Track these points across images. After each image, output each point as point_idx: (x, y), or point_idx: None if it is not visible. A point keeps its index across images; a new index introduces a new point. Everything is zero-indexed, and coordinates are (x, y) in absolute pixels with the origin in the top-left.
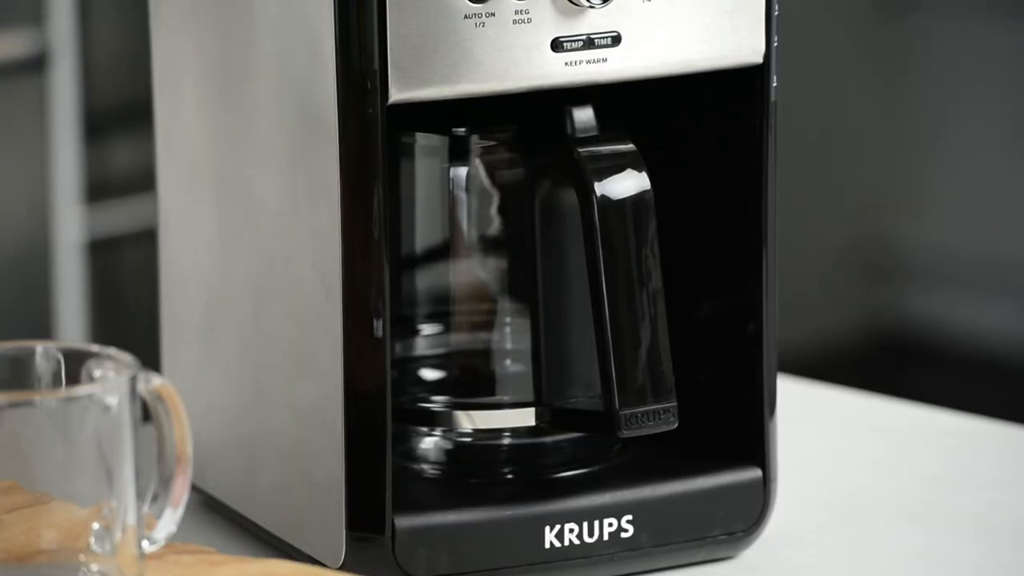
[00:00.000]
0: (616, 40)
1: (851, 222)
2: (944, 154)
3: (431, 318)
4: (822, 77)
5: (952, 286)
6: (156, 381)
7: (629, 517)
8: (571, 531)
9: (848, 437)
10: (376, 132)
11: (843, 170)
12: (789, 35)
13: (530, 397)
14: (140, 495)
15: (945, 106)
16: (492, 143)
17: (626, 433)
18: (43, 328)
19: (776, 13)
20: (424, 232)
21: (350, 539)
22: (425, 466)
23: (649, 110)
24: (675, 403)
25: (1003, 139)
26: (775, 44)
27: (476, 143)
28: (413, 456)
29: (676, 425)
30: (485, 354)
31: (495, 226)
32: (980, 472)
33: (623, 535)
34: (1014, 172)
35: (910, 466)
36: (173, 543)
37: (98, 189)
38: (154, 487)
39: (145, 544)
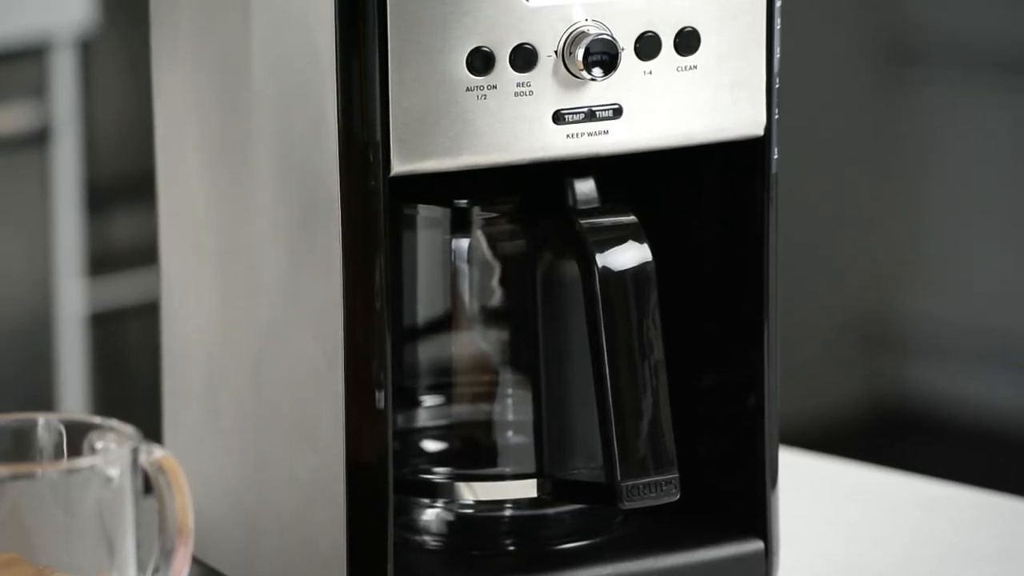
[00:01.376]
0: (618, 112)
1: (852, 294)
2: (945, 227)
3: (433, 389)
4: (823, 149)
5: (953, 358)
6: (158, 453)
7: None
8: None
9: (850, 509)
10: (378, 204)
11: (844, 242)
12: (790, 108)
13: (532, 468)
14: (141, 567)
15: (947, 179)
16: (494, 214)
17: (628, 505)
18: (45, 400)
19: (777, 86)
20: (426, 303)
21: None
22: (427, 538)
23: (650, 181)
24: (677, 474)
25: (1005, 212)
26: (776, 117)
27: (478, 214)
28: (415, 528)
29: (678, 496)
30: (487, 425)
31: (497, 297)
32: (983, 545)
33: None
34: (1016, 245)
35: (912, 538)
36: None
37: (100, 262)
38: (155, 559)
39: None
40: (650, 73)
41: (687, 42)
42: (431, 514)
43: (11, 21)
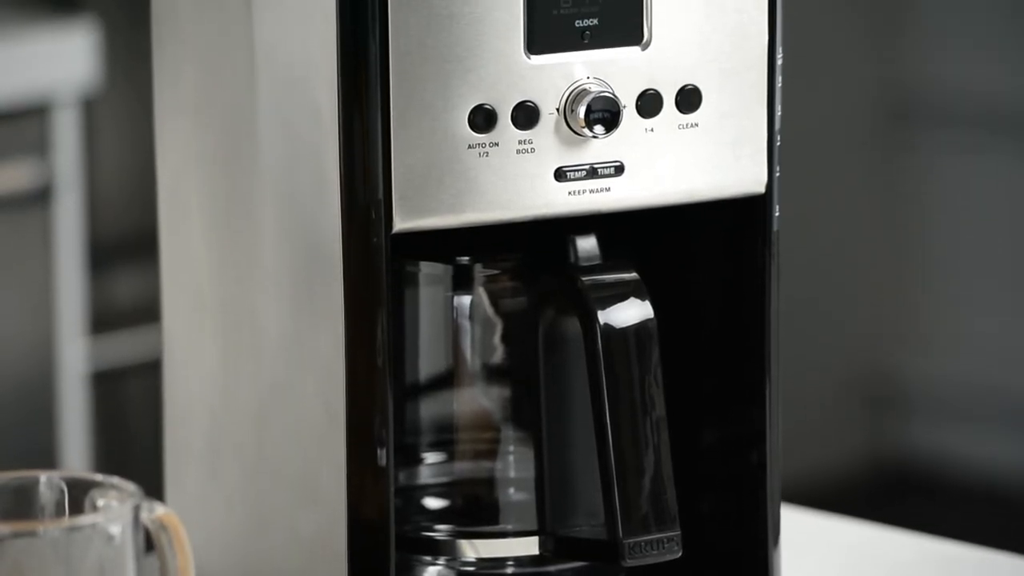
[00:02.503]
0: (619, 170)
1: (854, 351)
2: (947, 285)
3: (435, 446)
4: (825, 207)
5: (956, 417)
6: (159, 510)
7: None
8: None
9: (853, 568)
10: (380, 261)
11: (846, 299)
12: (792, 165)
13: (534, 525)
14: None
15: (949, 237)
16: (496, 271)
17: (630, 562)
18: (47, 458)
19: (778, 144)
20: (428, 360)
21: None
22: None
23: (652, 238)
24: (679, 532)
25: (1007, 271)
26: (777, 174)
27: (480, 271)
28: None
29: (680, 554)
30: (489, 482)
31: (499, 354)
32: None
33: None
34: (1018, 304)
35: None
36: None
37: (102, 320)
38: None
39: None
40: (652, 130)
41: (688, 100)
42: (433, 571)
43: (14, 79)
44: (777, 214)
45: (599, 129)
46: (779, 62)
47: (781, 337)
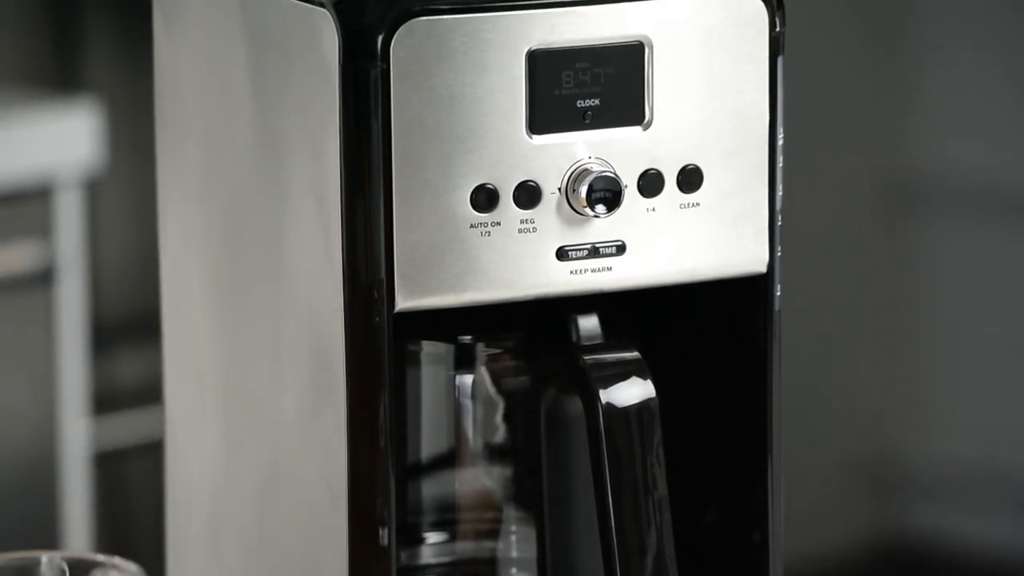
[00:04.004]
0: (621, 249)
1: (856, 432)
2: (950, 367)
3: (437, 526)
4: (826, 287)
5: (958, 499)
6: None
7: None
8: None
9: None
10: (382, 340)
11: (848, 380)
12: (793, 245)
13: None
14: None
15: (951, 318)
16: (497, 350)
17: None
18: (48, 538)
19: (779, 223)
20: (430, 440)
21: None
22: None
23: (653, 317)
24: None
25: (1009, 353)
26: (778, 254)
27: (482, 350)
28: None
29: None
30: (490, 562)
31: (500, 434)
32: None
33: None
34: (1020, 387)
35: None
36: None
37: (104, 401)
38: None
39: None
40: (653, 210)
41: (690, 180)
42: None
43: (17, 160)
44: (779, 293)
45: (601, 209)
46: (780, 142)
47: (783, 416)
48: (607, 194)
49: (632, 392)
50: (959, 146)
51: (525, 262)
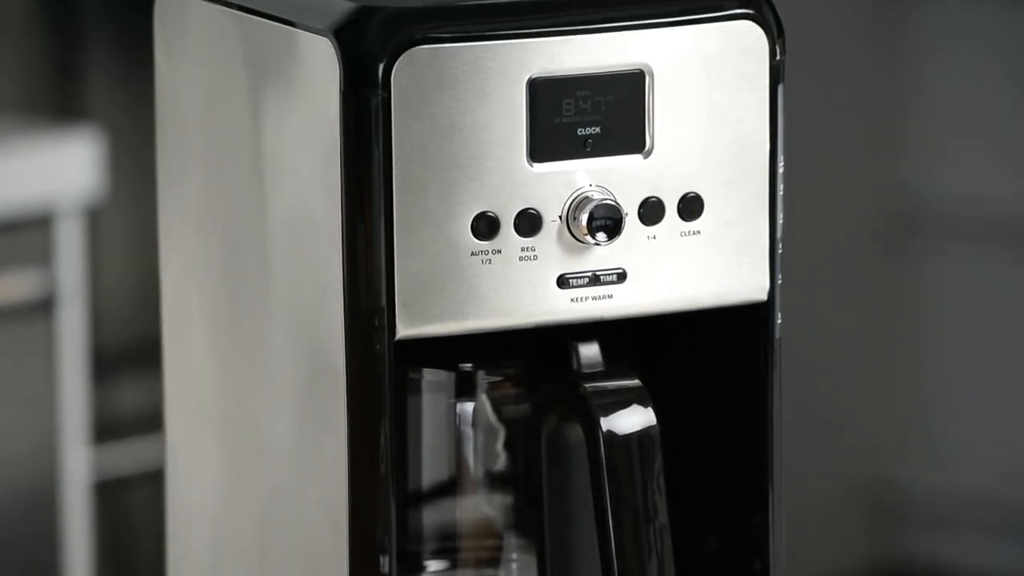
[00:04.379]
0: (622, 277)
1: (857, 460)
2: (951, 395)
3: (437, 554)
4: (827, 315)
5: (958, 527)
6: None
7: None
8: None
9: None
10: (383, 368)
11: (849, 407)
12: (794, 272)
13: None
14: None
15: (952, 346)
16: (498, 378)
17: None
18: (50, 567)
19: (780, 251)
20: (430, 467)
21: None
22: None
23: (654, 344)
24: None
25: (1011, 381)
26: (779, 282)
27: (482, 378)
28: None
29: None
30: None
31: (501, 461)
32: None
33: None
34: (1021, 415)
35: None
36: None
37: (105, 430)
38: None
39: None
40: (654, 238)
41: (690, 207)
42: None
43: (17, 188)
44: (779, 321)
45: (601, 236)
46: (780, 170)
47: (783, 443)
48: (608, 222)
49: (633, 420)
50: (960, 172)
51: (526, 290)
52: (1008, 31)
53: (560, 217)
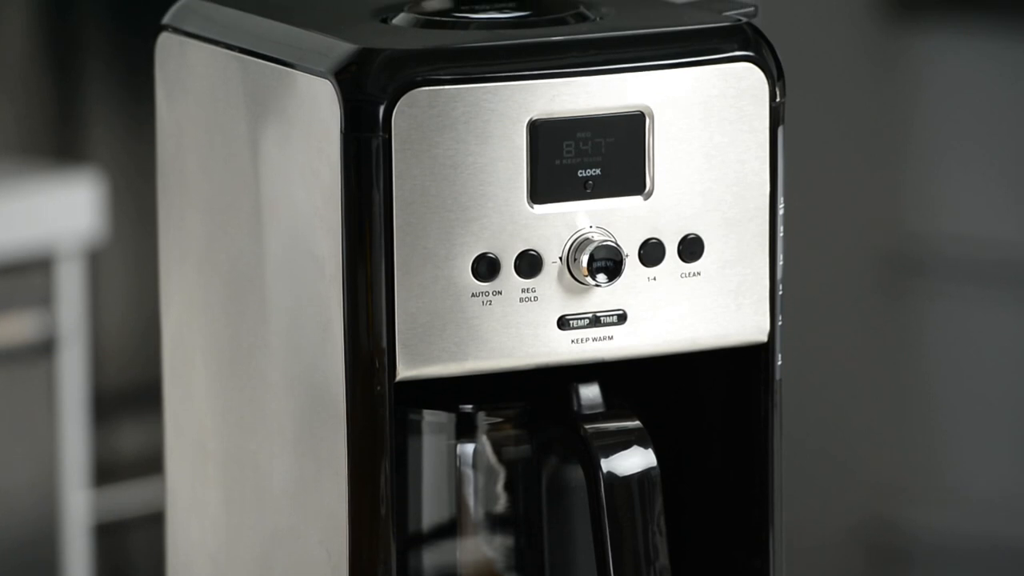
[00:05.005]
0: (622, 318)
1: (858, 501)
2: (951, 436)
3: None
4: (828, 356)
5: (958, 568)
6: None
7: None
8: None
9: None
10: (384, 410)
11: (850, 449)
12: (794, 314)
13: None
14: None
15: (953, 388)
16: (499, 419)
17: None
18: None
19: (780, 292)
20: (431, 509)
21: None
22: None
23: (655, 385)
24: None
25: (1012, 423)
26: (779, 323)
27: (483, 419)
28: None
29: None
30: None
31: (502, 503)
32: None
33: None
34: (1022, 457)
35: None
36: None
37: (106, 472)
38: None
39: None
40: (654, 279)
41: (691, 249)
42: None
43: (18, 230)
44: (780, 363)
45: (602, 278)
46: (780, 212)
47: (784, 485)
48: (608, 263)
49: (633, 461)
50: (962, 213)
51: (526, 331)
52: (1012, 74)
53: (560, 258)
